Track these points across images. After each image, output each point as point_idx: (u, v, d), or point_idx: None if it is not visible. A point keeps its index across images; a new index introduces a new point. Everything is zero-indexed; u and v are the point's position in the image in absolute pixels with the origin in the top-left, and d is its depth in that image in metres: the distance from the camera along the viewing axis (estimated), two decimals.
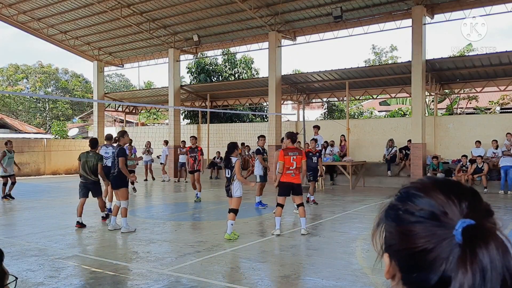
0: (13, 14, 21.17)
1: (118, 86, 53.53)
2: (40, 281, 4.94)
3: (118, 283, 4.92)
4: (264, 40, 19.91)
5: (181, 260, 5.83)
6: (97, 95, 25.40)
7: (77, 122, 40.86)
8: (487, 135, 15.75)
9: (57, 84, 45.24)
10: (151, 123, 35.35)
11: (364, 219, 9.22)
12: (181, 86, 23.79)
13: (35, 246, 6.74)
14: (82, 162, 8.66)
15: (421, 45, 15.19)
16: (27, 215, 9.95)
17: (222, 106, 25.46)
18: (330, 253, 6.20)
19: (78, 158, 8.80)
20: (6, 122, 29.16)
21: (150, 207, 11.33)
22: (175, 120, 22.19)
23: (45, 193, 14.85)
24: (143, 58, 25.01)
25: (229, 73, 28.66)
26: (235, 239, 6.89)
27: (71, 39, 23.43)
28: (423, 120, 15.52)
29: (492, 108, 25.10)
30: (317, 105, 34.84)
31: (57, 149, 23.21)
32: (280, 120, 19.45)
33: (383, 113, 30.59)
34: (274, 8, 17.77)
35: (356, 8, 16.77)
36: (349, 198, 12.79)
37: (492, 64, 16.60)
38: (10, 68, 44.19)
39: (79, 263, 5.71)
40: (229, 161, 7.06)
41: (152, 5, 18.89)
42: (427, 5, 15.36)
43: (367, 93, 21.20)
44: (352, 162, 15.96)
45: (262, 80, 20.91)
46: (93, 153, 8.78)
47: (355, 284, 4.78)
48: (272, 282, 4.97)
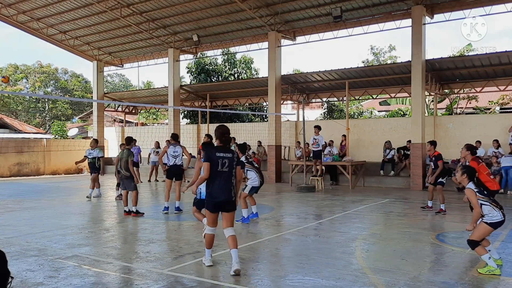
0: (13, 14, 21.17)
1: (118, 86, 53.52)
2: (40, 281, 4.94)
3: (118, 283, 4.92)
4: (264, 40, 19.91)
5: (181, 260, 5.83)
6: (96, 95, 25.40)
7: (77, 122, 40.84)
8: (487, 135, 15.75)
9: (57, 84, 45.23)
10: (151, 123, 35.34)
11: (364, 219, 9.22)
12: (181, 86, 23.79)
13: (35, 246, 6.73)
14: (118, 158, 9.86)
15: (421, 45, 15.20)
16: (27, 215, 9.94)
17: (222, 106, 25.45)
18: (330, 253, 6.20)
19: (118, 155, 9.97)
20: (6, 122, 29.14)
21: (151, 207, 11.31)
22: (174, 120, 22.19)
23: (45, 193, 14.84)
24: (143, 58, 25.02)
25: (229, 73, 28.66)
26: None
27: (71, 39, 23.43)
28: (423, 120, 15.53)
29: (492, 108, 25.11)
30: (317, 105, 34.85)
31: (56, 149, 23.22)
32: (280, 120, 19.45)
33: (383, 113, 30.59)
34: (274, 8, 17.77)
35: (355, 8, 16.77)
36: (349, 198, 12.79)
37: (492, 64, 16.61)
38: (9, 68, 44.16)
39: (79, 263, 5.71)
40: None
41: (152, 5, 18.88)
42: (427, 5, 15.36)
43: (367, 93, 21.20)
44: (352, 162, 15.96)
45: (262, 80, 20.92)
46: (127, 150, 9.74)
47: (355, 284, 4.78)
48: (272, 282, 4.97)
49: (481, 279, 5.01)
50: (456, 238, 7.23)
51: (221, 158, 5.36)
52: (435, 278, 5.03)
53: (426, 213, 9.92)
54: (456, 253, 6.23)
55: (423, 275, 5.18)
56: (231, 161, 5.41)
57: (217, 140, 5.58)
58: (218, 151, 5.43)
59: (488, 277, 5.07)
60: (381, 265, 5.60)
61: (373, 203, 11.50)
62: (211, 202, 5.35)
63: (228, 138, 5.57)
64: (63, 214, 10.10)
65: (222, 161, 5.35)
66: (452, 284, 4.81)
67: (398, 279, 4.94)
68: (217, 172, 5.33)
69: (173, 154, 9.99)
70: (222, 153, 5.40)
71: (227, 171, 5.37)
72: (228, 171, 5.37)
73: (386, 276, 5.09)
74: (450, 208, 10.34)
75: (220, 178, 5.33)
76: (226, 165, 5.34)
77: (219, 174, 5.34)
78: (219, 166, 5.34)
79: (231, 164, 5.40)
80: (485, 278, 5.03)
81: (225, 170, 5.36)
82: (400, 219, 9.18)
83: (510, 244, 6.69)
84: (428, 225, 8.50)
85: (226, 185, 5.34)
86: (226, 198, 5.32)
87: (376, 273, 5.22)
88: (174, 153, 10.01)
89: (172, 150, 10.06)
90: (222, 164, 5.33)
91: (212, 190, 5.32)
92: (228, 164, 5.37)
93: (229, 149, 5.51)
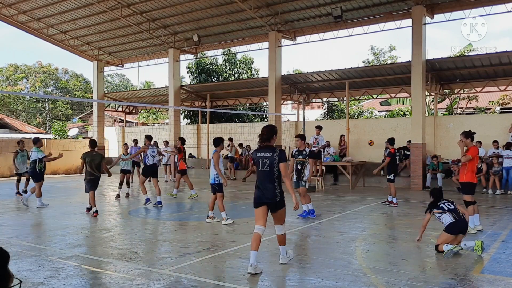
0: (13, 14, 21.18)
1: (118, 86, 53.54)
2: (40, 281, 4.94)
3: (118, 283, 4.92)
4: (264, 40, 19.91)
5: (181, 260, 5.83)
6: (97, 95, 25.41)
7: (77, 122, 40.86)
8: (487, 135, 15.75)
9: (57, 84, 45.24)
10: (151, 123, 35.34)
11: (364, 219, 9.22)
12: (181, 86, 23.79)
13: (35, 246, 6.74)
14: (88, 160, 9.51)
15: (421, 45, 15.19)
16: (27, 215, 9.94)
17: (222, 106, 25.45)
18: (330, 253, 6.19)
19: (83, 157, 9.57)
20: (6, 122, 29.16)
21: (150, 207, 11.31)
22: (175, 120, 22.19)
23: (45, 193, 14.76)
24: (143, 58, 25.03)
25: (229, 73, 28.66)
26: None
27: (71, 39, 23.43)
28: (423, 120, 15.52)
29: (492, 108, 25.11)
30: (317, 105, 34.85)
31: (57, 149, 23.16)
32: (280, 120, 19.44)
33: (383, 113, 30.60)
34: (274, 8, 17.77)
35: (356, 8, 16.77)
36: (349, 198, 12.79)
37: (492, 64, 16.61)
38: (9, 68, 44.17)
39: (79, 263, 5.71)
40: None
41: (152, 5, 18.89)
42: (427, 5, 15.36)
43: (367, 93, 21.20)
44: (352, 162, 15.96)
45: (262, 80, 20.91)
46: (97, 153, 9.81)
47: (355, 284, 4.78)
48: (272, 282, 4.97)
49: (481, 279, 5.01)
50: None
51: (262, 158, 5.41)
52: (435, 278, 5.03)
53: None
54: (456, 253, 6.22)
55: (423, 275, 5.18)
56: (271, 160, 5.37)
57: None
58: (259, 151, 5.50)
59: (488, 277, 5.07)
60: (381, 265, 5.60)
61: (373, 203, 11.49)
62: (255, 200, 5.43)
63: (262, 136, 5.53)
64: (63, 214, 10.10)
65: (262, 160, 5.40)
66: (452, 284, 4.81)
67: (398, 279, 4.94)
68: (260, 172, 5.43)
69: (152, 154, 10.84)
70: (262, 153, 5.44)
71: (268, 170, 5.37)
72: (269, 170, 5.37)
73: (386, 276, 5.09)
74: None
75: (262, 178, 5.39)
76: (266, 164, 5.39)
77: (261, 173, 5.41)
78: (260, 166, 5.42)
79: (272, 163, 5.37)
80: (485, 278, 5.03)
81: (266, 169, 5.39)
82: (400, 219, 9.18)
83: (510, 244, 6.68)
84: (428, 225, 8.48)
85: (267, 184, 5.34)
86: (268, 197, 5.33)
87: (376, 273, 5.22)
88: (153, 153, 10.86)
89: (151, 150, 10.87)
90: (263, 164, 5.40)
91: (257, 190, 5.41)
92: (268, 164, 5.37)
93: (269, 148, 5.48)
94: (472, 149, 7.49)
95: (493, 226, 8.30)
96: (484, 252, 6.04)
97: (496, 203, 11.88)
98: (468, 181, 7.54)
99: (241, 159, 20.57)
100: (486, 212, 10.06)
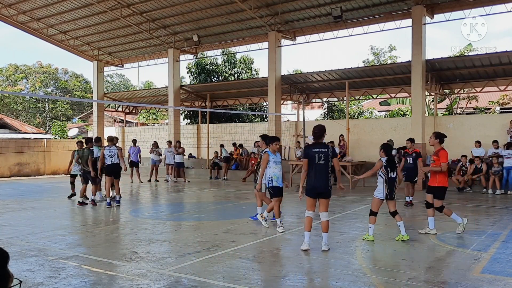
0: (13, 14, 21.18)
1: (118, 86, 53.54)
2: (40, 281, 4.94)
3: (118, 283, 4.92)
4: (264, 40, 19.92)
5: (181, 260, 5.83)
6: (97, 95, 25.41)
7: (77, 122, 40.87)
8: (487, 135, 15.75)
9: (57, 84, 45.24)
10: (151, 123, 35.34)
11: (364, 219, 9.20)
12: (181, 86, 23.79)
13: (35, 246, 6.73)
14: (78, 156, 11.41)
15: (421, 45, 15.19)
16: (27, 215, 9.94)
17: (222, 106, 25.46)
18: (330, 253, 6.19)
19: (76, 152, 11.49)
20: (6, 122, 29.13)
21: (150, 207, 11.32)
22: (175, 120, 22.20)
23: (45, 193, 14.86)
24: (143, 58, 25.03)
25: (229, 73, 28.66)
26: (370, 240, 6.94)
27: (71, 39, 23.43)
28: (423, 120, 15.52)
29: (492, 108, 25.11)
30: (317, 105, 34.88)
31: (57, 149, 23.20)
32: (280, 120, 19.44)
33: (383, 113, 30.60)
34: (274, 8, 17.77)
35: (356, 8, 16.77)
36: (349, 198, 12.79)
37: (492, 64, 16.61)
38: (9, 68, 44.16)
39: (79, 263, 5.71)
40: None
41: (152, 5, 18.89)
42: (427, 5, 15.36)
43: (367, 93, 21.20)
44: (352, 162, 15.95)
45: (262, 80, 20.91)
46: (87, 149, 11.38)
47: (355, 284, 4.78)
48: (272, 282, 4.97)
49: (481, 279, 5.01)
50: (456, 238, 7.23)
51: (318, 153, 6.16)
52: (435, 278, 5.03)
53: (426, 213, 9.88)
54: (456, 253, 6.23)
55: (423, 275, 5.18)
56: (327, 155, 6.17)
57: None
58: (315, 147, 6.25)
59: (488, 277, 5.07)
60: (381, 265, 5.60)
61: None
62: (310, 190, 6.19)
63: (316, 134, 6.29)
64: (63, 214, 10.10)
65: (318, 155, 6.15)
66: (452, 284, 4.81)
67: (398, 279, 4.94)
68: (315, 165, 6.15)
69: (109, 154, 11.05)
70: (318, 149, 6.20)
71: (323, 163, 6.15)
72: (324, 164, 6.15)
73: (386, 276, 5.09)
74: (450, 208, 10.30)
75: (317, 170, 6.14)
76: (322, 158, 6.15)
77: (316, 167, 6.15)
78: (316, 159, 6.14)
79: (327, 157, 6.17)
80: (485, 278, 5.03)
81: (322, 163, 6.15)
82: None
83: (510, 244, 6.68)
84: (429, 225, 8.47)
85: (322, 176, 6.15)
86: (322, 187, 6.14)
87: (376, 273, 5.22)
88: (110, 153, 11.06)
89: (108, 150, 11.10)
90: (319, 158, 6.15)
91: (311, 181, 6.14)
92: (324, 158, 6.15)
93: (323, 144, 6.31)
94: (441, 153, 7.42)
95: (493, 226, 8.30)
96: (484, 252, 6.05)
97: (496, 203, 11.87)
98: (440, 185, 7.34)
99: (241, 159, 20.57)
100: (486, 212, 10.06)
